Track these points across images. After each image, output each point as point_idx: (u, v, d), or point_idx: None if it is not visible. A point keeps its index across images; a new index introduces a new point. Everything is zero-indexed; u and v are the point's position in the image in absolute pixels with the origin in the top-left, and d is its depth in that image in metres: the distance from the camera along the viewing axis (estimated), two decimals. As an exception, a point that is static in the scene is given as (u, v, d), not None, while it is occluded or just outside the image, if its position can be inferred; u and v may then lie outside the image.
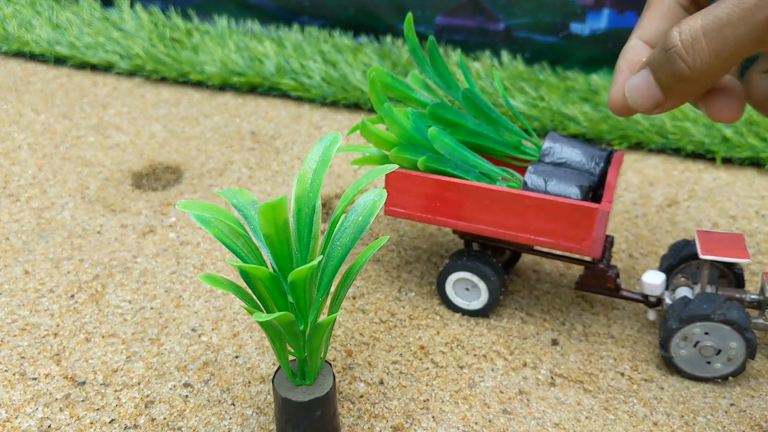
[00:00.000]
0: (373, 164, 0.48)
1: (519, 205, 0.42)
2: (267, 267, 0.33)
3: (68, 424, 0.39)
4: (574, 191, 0.42)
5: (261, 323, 0.32)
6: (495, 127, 0.47)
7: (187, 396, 0.41)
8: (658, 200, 0.60)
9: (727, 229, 0.56)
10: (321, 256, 0.33)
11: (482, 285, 0.46)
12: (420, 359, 0.44)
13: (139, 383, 0.42)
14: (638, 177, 0.63)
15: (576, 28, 0.78)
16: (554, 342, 0.45)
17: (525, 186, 0.43)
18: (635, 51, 0.39)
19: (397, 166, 0.37)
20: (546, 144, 0.46)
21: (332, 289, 0.48)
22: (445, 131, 0.45)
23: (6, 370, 0.42)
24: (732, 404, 0.41)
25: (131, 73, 0.84)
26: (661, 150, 0.67)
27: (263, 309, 0.34)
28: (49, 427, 0.39)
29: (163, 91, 0.80)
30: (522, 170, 0.49)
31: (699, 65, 0.33)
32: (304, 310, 0.33)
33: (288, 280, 0.31)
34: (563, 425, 0.40)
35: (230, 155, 0.67)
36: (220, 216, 0.32)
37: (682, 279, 0.45)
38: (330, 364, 0.37)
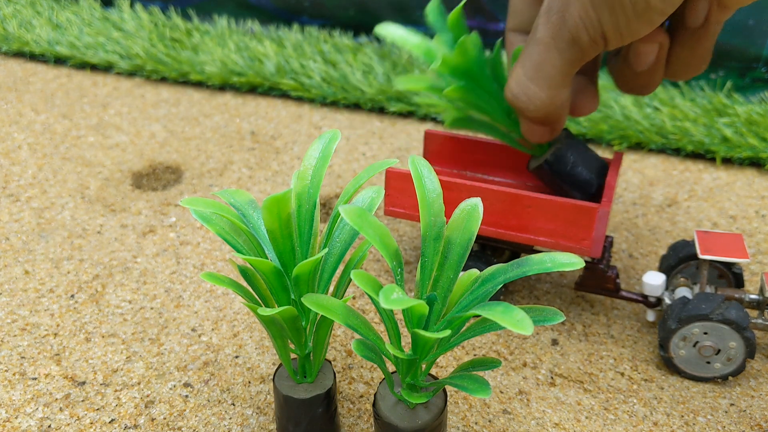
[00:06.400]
0: (423, 88, 0.45)
1: (518, 205, 0.42)
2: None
3: (68, 424, 0.39)
4: (591, 179, 0.44)
5: (263, 319, 0.32)
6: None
7: (187, 396, 0.41)
8: (658, 200, 0.60)
9: (727, 229, 0.56)
10: (325, 249, 0.33)
11: (482, 285, 0.46)
12: (420, 359, 0.44)
13: (139, 383, 0.42)
14: (638, 177, 0.63)
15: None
16: (554, 342, 0.45)
17: (546, 163, 0.44)
18: (512, 45, 0.43)
19: (397, 161, 0.37)
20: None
21: (331, 288, 0.48)
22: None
23: (6, 370, 0.42)
24: (732, 404, 0.41)
25: (131, 73, 0.84)
26: (661, 150, 0.67)
27: (264, 306, 0.35)
28: (49, 427, 0.39)
29: (163, 91, 0.80)
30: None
31: (540, 104, 0.37)
32: (306, 306, 0.33)
33: (292, 274, 0.31)
34: (563, 425, 0.40)
35: (230, 155, 0.67)
36: (222, 212, 0.32)
37: (682, 279, 0.45)
38: (330, 363, 0.37)
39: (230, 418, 0.40)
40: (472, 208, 0.33)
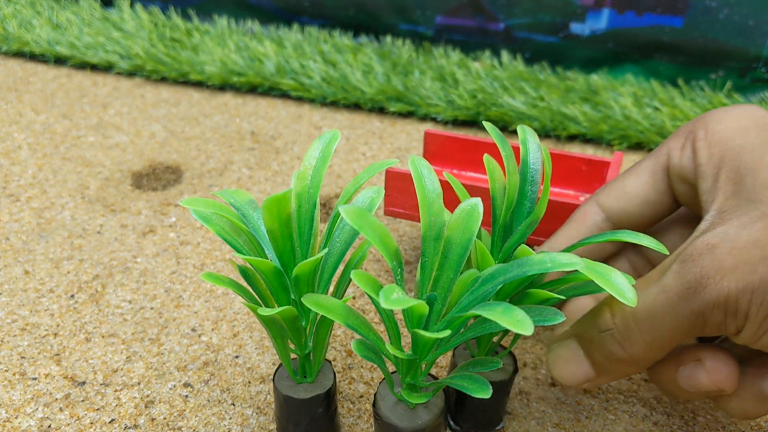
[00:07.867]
0: None
1: (519, 205, 0.42)
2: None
3: (68, 424, 0.39)
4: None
5: (263, 319, 0.32)
6: None
7: (187, 396, 0.41)
8: (658, 200, 0.60)
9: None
10: (325, 249, 0.33)
11: (482, 285, 0.46)
12: (420, 359, 0.44)
13: (139, 383, 0.42)
14: (638, 177, 0.63)
15: (576, 28, 0.78)
16: (554, 342, 0.45)
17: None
18: (587, 217, 0.38)
19: (397, 161, 0.37)
20: None
21: (331, 288, 0.48)
22: None
23: (6, 370, 0.42)
24: (732, 404, 0.41)
25: (131, 73, 0.84)
26: (661, 150, 0.67)
27: (263, 306, 0.34)
28: (49, 427, 0.39)
29: (163, 91, 0.80)
30: None
31: (635, 351, 0.32)
32: (306, 306, 0.33)
33: (292, 274, 0.31)
34: (563, 425, 0.40)
35: (230, 155, 0.67)
36: (222, 212, 0.32)
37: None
38: (330, 363, 0.37)
39: (230, 418, 0.40)
40: (472, 208, 0.33)
